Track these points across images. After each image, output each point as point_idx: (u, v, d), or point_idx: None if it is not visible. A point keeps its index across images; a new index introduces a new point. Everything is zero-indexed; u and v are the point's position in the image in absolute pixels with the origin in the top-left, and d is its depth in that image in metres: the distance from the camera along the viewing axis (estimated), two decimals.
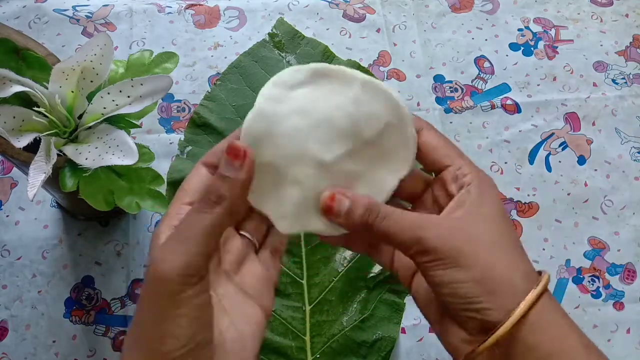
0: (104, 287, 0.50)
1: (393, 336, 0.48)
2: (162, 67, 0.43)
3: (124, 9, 0.63)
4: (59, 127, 0.40)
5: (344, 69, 0.31)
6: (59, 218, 0.53)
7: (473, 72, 0.62)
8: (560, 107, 0.61)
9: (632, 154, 0.59)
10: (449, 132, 0.59)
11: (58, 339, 0.48)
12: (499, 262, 0.28)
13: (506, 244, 0.29)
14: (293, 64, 0.56)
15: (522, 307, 0.27)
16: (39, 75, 0.41)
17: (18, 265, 0.51)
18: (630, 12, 0.67)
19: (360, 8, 0.65)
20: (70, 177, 0.39)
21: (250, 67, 0.56)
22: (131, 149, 0.38)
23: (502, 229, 0.30)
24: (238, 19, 0.64)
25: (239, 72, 0.55)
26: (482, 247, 0.28)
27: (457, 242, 0.28)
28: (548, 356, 0.27)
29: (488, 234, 0.29)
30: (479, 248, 0.28)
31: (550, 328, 0.28)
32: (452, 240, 0.28)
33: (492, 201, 0.30)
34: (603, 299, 0.53)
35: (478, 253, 0.28)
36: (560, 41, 0.65)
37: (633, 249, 0.55)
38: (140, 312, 0.27)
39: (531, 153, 0.58)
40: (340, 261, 0.50)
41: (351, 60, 0.57)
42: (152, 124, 0.57)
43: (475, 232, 0.29)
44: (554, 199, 0.56)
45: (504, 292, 0.28)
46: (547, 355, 0.27)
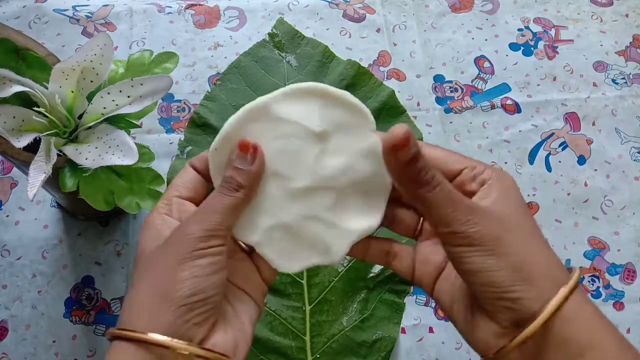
0: (104, 287, 0.50)
1: (393, 336, 0.48)
2: (162, 67, 0.43)
3: (124, 9, 0.63)
4: (59, 127, 0.40)
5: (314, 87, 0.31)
6: (59, 218, 0.53)
7: (473, 72, 0.62)
8: (560, 107, 0.61)
9: (632, 154, 0.59)
10: (449, 132, 0.59)
11: (58, 339, 0.48)
12: (537, 252, 0.28)
13: (539, 235, 0.29)
14: (293, 64, 0.56)
15: (560, 297, 0.27)
16: (39, 75, 0.41)
17: (18, 265, 0.51)
18: (630, 12, 0.67)
19: (360, 8, 0.65)
20: (70, 177, 0.39)
21: (250, 67, 0.56)
22: (131, 149, 0.38)
23: (532, 220, 0.30)
24: (238, 19, 0.64)
25: (239, 72, 0.55)
26: (519, 235, 0.28)
27: (497, 230, 0.28)
28: (582, 349, 0.27)
29: (523, 224, 0.29)
30: (516, 236, 0.28)
31: (584, 321, 0.27)
32: (493, 227, 0.28)
33: (517, 193, 0.30)
34: (603, 299, 0.53)
35: (516, 242, 0.28)
36: (560, 41, 0.65)
37: (633, 249, 0.55)
38: (154, 262, 0.29)
39: (531, 153, 0.58)
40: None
41: (351, 60, 0.57)
42: (152, 124, 0.57)
43: (510, 220, 0.29)
44: (554, 199, 0.56)
45: (541, 282, 0.27)
46: (582, 347, 0.27)
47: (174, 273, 0.28)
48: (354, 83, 0.55)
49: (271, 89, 0.32)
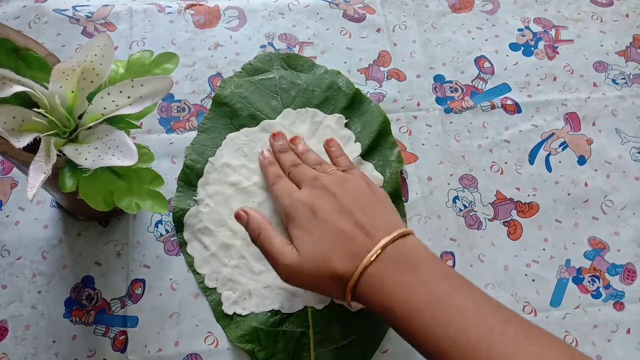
0: (104, 287, 0.50)
1: None
2: (162, 68, 0.43)
3: (124, 9, 0.63)
4: (59, 127, 0.40)
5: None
6: (59, 218, 0.53)
7: (473, 72, 0.62)
8: (560, 107, 0.61)
9: (632, 154, 0.59)
10: (449, 132, 0.59)
11: (58, 339, 0.48)
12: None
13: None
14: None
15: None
16: (39, 75, 0.41)
17: (18, 266, 0.51)
18: (630, 12, 0.67)
19: (360, 8, 0.65)
20: (70, 177, 0.39)
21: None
22: (131, 149, 0.38)
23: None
24: (238, 19, 0.64)
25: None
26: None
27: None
28: (418, 260, 0.41)
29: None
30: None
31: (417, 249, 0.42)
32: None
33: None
34: (603, 299, 0.53)
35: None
36: (561, 41, 0.65)
37: (633, 249, 0.55)
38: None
39: (531, 153, 0.58)
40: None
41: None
42: (152, 124, 0.57)
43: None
44: (554, 199, 0.56)
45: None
46: (417, 259, 0.41)
47: None
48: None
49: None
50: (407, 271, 0.39)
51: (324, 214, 0.43)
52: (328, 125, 0.57)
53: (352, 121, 0.57)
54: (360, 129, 0.57)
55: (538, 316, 0.52)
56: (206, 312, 0.50)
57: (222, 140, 0.56)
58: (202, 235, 0.52)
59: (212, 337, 0.49)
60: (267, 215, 0.51)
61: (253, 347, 0.48)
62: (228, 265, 0.51)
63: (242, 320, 0.49)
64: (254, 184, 0.54)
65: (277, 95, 0.58)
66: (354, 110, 0.58)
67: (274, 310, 0.49)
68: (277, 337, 0.48)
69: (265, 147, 0.55)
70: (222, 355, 0.49)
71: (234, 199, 0.53)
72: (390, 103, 0.60)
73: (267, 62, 0.60)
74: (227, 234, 0.52)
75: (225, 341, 0.49)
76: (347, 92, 0.58)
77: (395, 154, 0.56)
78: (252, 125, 0.56)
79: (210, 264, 0.51)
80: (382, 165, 0.55)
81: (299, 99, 0.58)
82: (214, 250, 0.51)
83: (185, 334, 0.49)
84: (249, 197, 0.53)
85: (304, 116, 0.57)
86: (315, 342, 0.48)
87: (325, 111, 0.57)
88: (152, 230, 0.53)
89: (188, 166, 0.54)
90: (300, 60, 0.60)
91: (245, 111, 0.57)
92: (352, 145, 0.56)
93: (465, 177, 0.57)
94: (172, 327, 0.49)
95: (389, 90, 0.60)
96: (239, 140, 0.56)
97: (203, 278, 0.51)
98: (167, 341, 0.49)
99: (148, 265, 0.51)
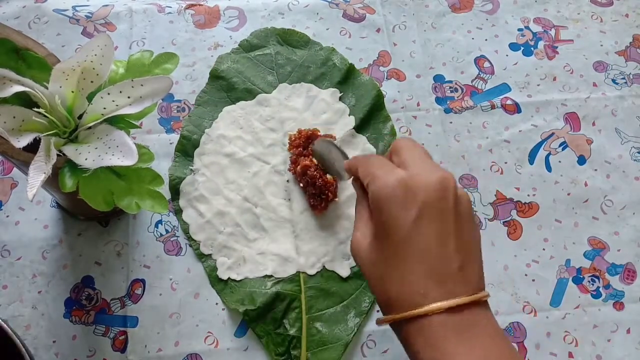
0: (104, 287, 0.50)
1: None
2: (162, 68, 0.43)
3: (124, 9, 0.63)
4: (59, 127, 0.40)
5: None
6: (59, 218, 0.53)
7: (473, 72, 0.62)
8: (560, 107, 0.61)
9: (632, 154, 0.59)
10: (449, 132, 0.59)
11: (58, 339, 0.48)
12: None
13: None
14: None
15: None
16: (39, 75, 0.41)
17: (18, 266, 0.51)
18: (630, 12, 0.67)
19: (360, 8, 0.65)
20: (70, 177, 0.39)
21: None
22: (131, 149, 0.38)
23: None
24: (238, 19, 0.64)
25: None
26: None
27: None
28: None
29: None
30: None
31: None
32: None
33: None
34: (603, 299, 0.53)
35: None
36: (560, 41, 0.65)
37: (633, 249, 0.55)
38: None
39: (531, 153, 0.58)
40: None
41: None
42: (152, 124, 0.57)
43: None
44: (554, 199, 0.56)
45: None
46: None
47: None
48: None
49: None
50: (465, 340, 0.33)
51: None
52: (323, 99, 0.58)
53: (346, 95, 0.59)
54: (355, 102, 0.58)
55: (538, 316, 0.52)
56: (206, 312, 0.50)
57: (218, 113, 0.57)
58: (198, 203, 0.53)
59: (212, 337, 0.49)
60: (260, 185, 0.53)
61: (246, 309, 0.49)
62: (223, 232, 0.52)
63: (236, 285, 0.50)
64: (249, 155, 0.55)
65: (273, 70, 0.59)
66: (348, 84, 0.59)
67: (267, 275, 0.51)
68: (271, 300, 0.49)
69: (260, 121, 0.56)
70: (222, 355, 0.49)
71: (229, 169, 0.54)
72: (390, 103, 0.60)
73: (263, 38, 0.61)
74: (222, 202, 0.53)
75: (226, 341, 0.49)
76: (341, 67, 0.60)
77: (389, 128, 0.58)
78: (248, 99, 0.58)
79: (206, 231, 0.52)
80: (375, 139, 0.57)
81: (295, 75, 0.59)
82: (209, 217, 0.52)
83: (185, 334, 0.49)
84: (244, 168, 0.54)
85: (299, 90, 0.58)
86: (307, 306, 0.50)
87: (321, 86, 0.59)
88: (152, 230, 0.53)
89: (185, 137, 0.56)
90: (296, 36, 0.62)
91: (242, 85, 0.58)
92: (346, 119, 0.57)
93: (465, 177, 0.57)
94: (172, 327, 0.49)
95: (388, 90, 0.60)
96: (235, 113, 0.57)
97: (198, 245, 0.52)
98: (167, 341, 0.49)
99: (148, 265, 0.51)
